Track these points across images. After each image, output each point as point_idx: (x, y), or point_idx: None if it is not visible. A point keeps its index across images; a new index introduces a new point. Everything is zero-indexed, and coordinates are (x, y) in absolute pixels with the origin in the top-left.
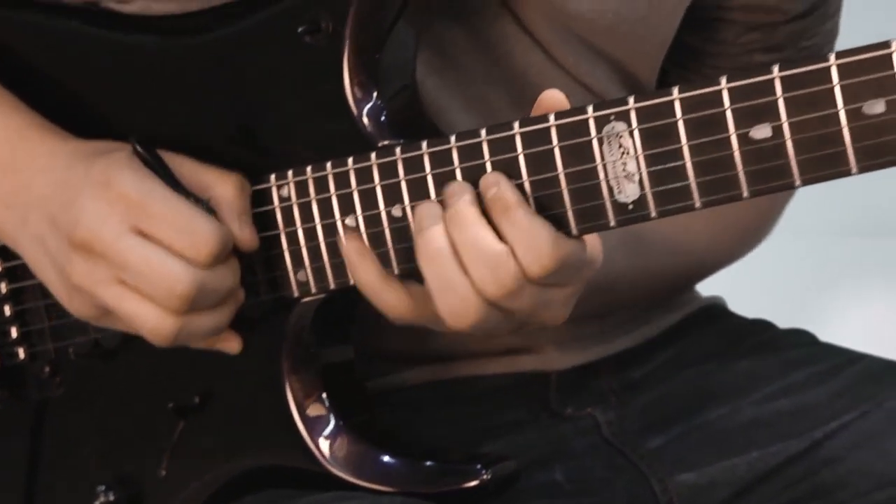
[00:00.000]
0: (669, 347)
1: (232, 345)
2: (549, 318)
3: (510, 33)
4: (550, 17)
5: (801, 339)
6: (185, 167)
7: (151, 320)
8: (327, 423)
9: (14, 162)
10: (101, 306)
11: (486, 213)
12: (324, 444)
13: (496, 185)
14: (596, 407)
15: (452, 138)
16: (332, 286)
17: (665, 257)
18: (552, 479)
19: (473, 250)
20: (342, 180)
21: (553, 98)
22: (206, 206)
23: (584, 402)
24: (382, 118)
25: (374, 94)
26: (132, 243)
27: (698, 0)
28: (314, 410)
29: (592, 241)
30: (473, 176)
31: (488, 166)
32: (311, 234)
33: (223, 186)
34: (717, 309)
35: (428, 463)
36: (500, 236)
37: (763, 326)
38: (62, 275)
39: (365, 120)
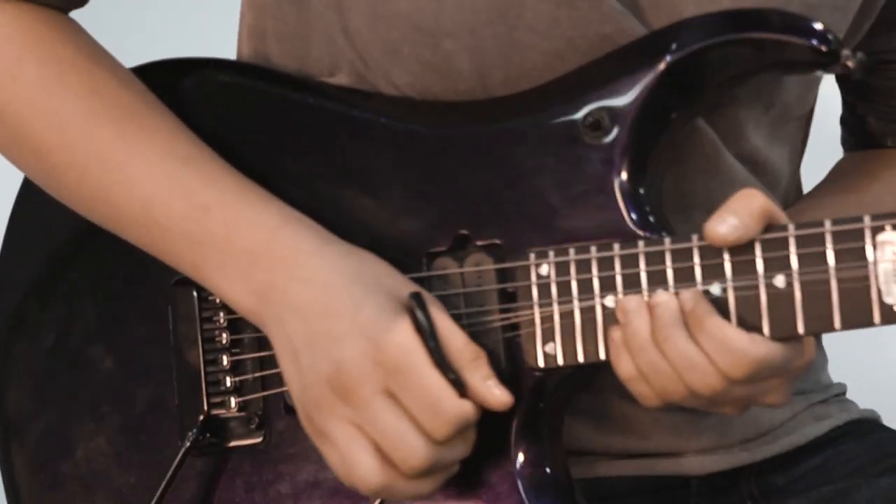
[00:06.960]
0: (815, 457)
1: None
2: (770, 402)
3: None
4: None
5: None
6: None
7: (367, 472)
8: None
9: (270, 260)
10: (322, 431)
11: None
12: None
13: (692, 300)
14: None
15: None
16: (582, 360)
17: None
18: None
19: (680, 360)
20: (606, 264)
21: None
22: (456, 380)
23: None
24: (646, 210)
25: (641, 191)
26: (384, 406)
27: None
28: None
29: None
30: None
31: (759, 261)
32: (567, 311)
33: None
34: (868, 423)
35: None
36: (700, 346)
37: None
38: (302, 385)
39: (630, 212)
